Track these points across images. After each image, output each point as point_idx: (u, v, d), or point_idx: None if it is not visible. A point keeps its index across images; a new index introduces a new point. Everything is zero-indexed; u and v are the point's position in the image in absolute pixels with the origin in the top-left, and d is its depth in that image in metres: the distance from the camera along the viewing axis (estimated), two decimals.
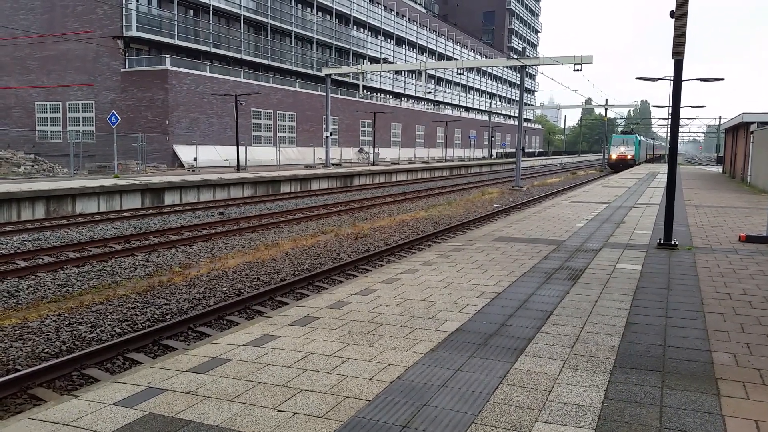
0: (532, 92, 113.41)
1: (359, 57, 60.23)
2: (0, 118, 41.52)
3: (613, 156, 52.25)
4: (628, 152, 51.62)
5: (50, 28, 38.81)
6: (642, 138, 63.30)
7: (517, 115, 41.68)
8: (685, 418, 3.63)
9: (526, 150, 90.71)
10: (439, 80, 78.08)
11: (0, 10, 40.25)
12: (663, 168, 46.13)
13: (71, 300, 8.89)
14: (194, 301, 8.79)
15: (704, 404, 3.83)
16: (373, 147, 47.14)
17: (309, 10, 53.05)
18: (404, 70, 66.04)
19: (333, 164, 39.99)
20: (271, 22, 47.77)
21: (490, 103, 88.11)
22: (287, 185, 28.58)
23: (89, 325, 7.60)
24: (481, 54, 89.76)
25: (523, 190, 30.03)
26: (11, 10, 40.06)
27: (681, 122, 44.56)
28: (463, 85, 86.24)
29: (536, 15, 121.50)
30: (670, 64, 10.06)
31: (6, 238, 14.06)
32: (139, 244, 13.28)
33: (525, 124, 78.42)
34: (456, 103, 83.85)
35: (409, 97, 71.06)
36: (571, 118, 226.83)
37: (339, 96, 53.22)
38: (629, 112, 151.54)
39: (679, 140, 16.14)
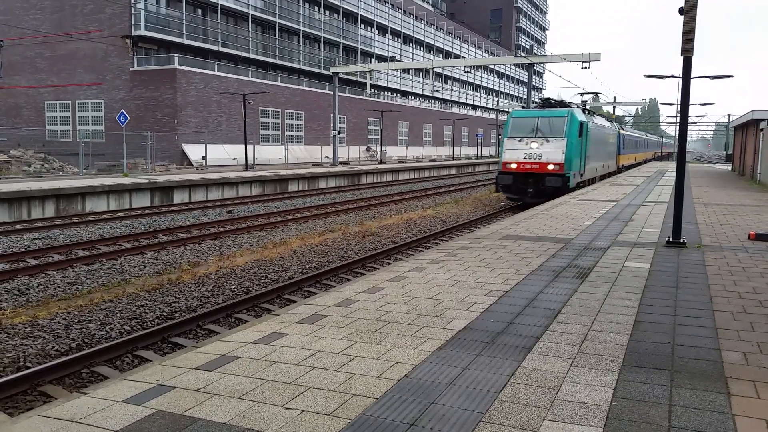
0: (539, 90, 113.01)
1: (366, 55, 60.22)
2: (10, 117, 41.84)
3: (511, 163, 20.55)
4: (547, 155, 20.14)
5: (60, 28, 39.04)
6: (594, 120, 25.56)
7: None
8: (694, 417, 3.60)
9: None
10: (446, 78, 77.93)
11: (11, 10, 40.55)
12: (671, 166, 45.63)
13: (81, 298, 8.95)
14: (203, 299, 8.83)
15: (714, 403, 3.80)
16: (381, 145, 47.14)
17: (316, 8, 53.09)
18: (411, 69, 65.95)
19: (340, 163, 40.02)
20: (278, 21, 47.86)
21: (498, 101, 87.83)
22: (295, 184, 28.63)
23: (99, 322, 7.65)
24: (488, 52, 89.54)
25: None
26: (21, 9, 40.35)
27: (690, 119, 43.72)
28: (471, 83, 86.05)
29: (544, 12, 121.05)
30: (678, 62, 10.00)
31: (17, 236, 14.17)
32: (149, 243, 13.34)
33: None
34: (463, 101, 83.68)
35: (416, 95, 70.99)
36: None
37: (346, 94, 53.24)
38: (637, 109, 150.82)
39: (688, 137, 15.94)
